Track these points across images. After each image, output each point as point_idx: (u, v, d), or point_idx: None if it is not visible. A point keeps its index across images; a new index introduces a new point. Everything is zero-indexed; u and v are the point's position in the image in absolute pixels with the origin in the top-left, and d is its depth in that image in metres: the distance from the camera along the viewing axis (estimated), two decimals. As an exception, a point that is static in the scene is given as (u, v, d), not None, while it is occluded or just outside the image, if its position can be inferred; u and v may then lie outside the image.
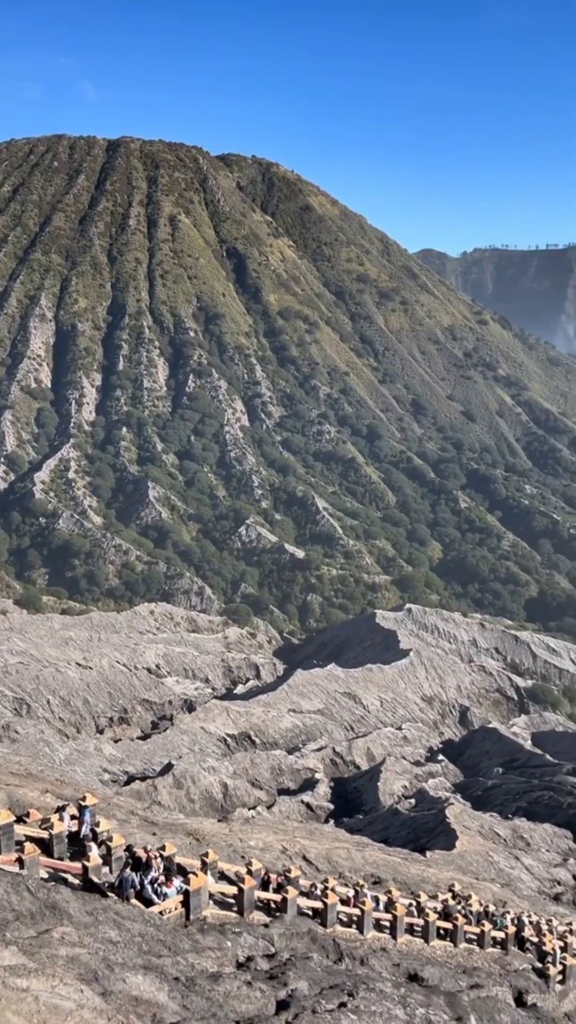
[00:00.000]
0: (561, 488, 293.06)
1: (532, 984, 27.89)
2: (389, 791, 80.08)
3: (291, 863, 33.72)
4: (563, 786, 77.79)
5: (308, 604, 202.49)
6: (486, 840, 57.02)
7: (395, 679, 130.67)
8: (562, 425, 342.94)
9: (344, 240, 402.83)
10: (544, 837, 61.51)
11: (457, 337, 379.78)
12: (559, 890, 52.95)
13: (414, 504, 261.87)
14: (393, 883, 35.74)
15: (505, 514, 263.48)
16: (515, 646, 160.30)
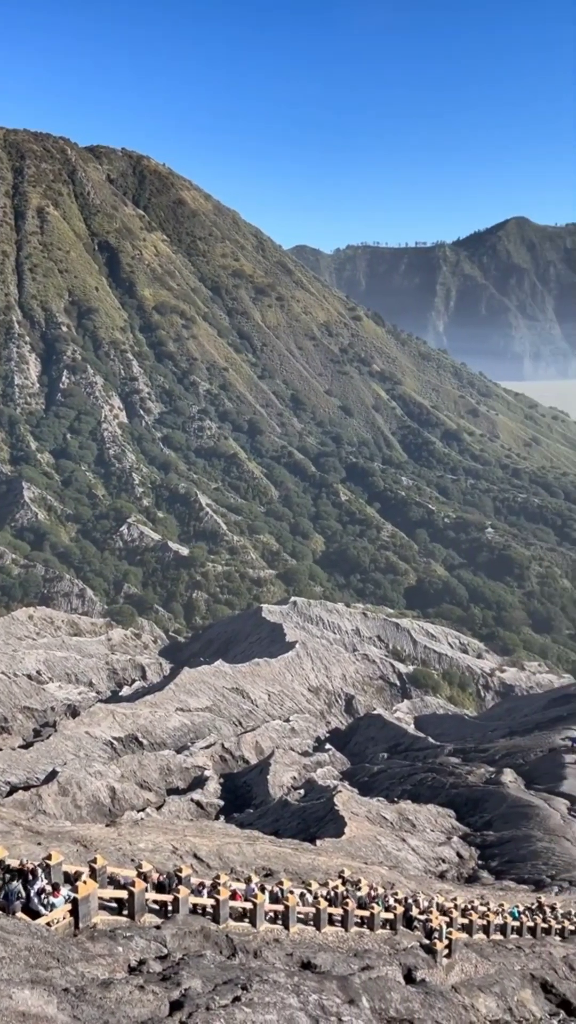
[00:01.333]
0: (435, 479, 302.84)
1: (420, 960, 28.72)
2: (279, 783, 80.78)
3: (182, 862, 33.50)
4: (445, 767, 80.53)
5: (194, 601, 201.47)
6: (374, 825, 58.37)
7: (282, 672, 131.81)
8: (435, 418, 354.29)
9: (218, 235, 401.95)
10: (428, 818, 63.53)
11: (333, 333, 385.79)
12: (444, 868, 54.83)
13: (296, 498, 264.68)
14: (284, 874, 36.08)
15: (383, 506, 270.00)
16: (396, 633, 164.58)
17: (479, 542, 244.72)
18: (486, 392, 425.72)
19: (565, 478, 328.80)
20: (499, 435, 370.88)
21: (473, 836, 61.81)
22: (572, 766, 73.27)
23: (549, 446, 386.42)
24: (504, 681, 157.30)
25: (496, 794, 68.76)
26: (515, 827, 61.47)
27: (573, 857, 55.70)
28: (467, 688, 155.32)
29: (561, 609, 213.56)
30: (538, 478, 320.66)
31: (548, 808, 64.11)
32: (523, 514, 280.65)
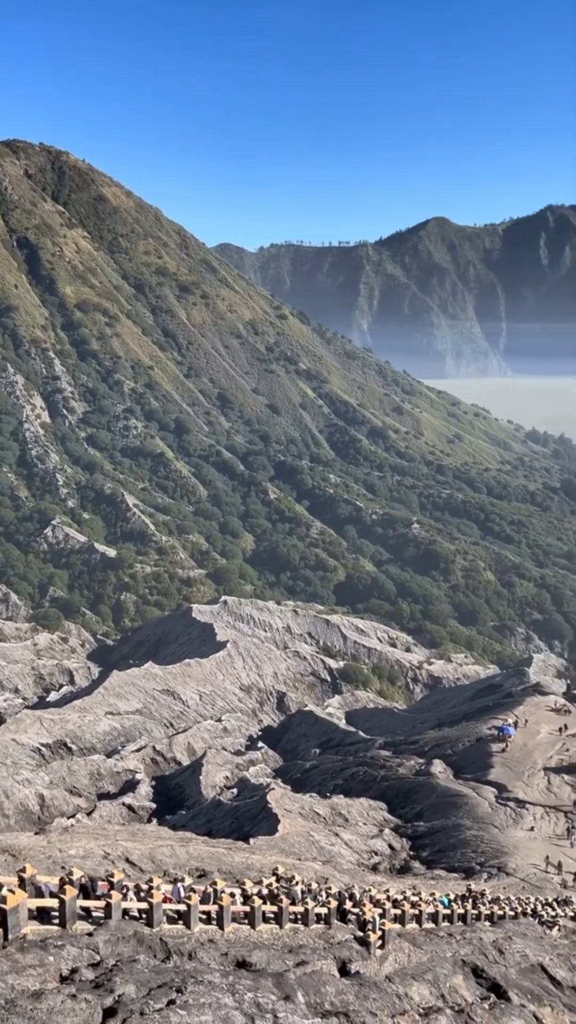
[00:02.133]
0: (362, 476, 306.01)
1: (354, 953, 29.01)
2: (211, 783, 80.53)
3: (114, 867, 33.09)
4: (376, 760, 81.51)
5: (122, 603, 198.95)
6: (307, 821, 58.70)
7: (213, 671, 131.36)
8: (361, 416, 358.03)
9: (141, 232, 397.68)
10: (360, 811, 64.21)
11: (259, 331, 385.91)
12: (377, 860, 55.50)
13: (225, 497, 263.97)
14: (218, 874, 35.99)
15: (312, 503, 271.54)
16: (327, 629, 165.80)
17: (406, 538, 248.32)
18: (410, 390, 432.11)
19: (487, 474, 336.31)
20: (423, 432, 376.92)
21: (404, 827, 62.73)
22: (499, 755, 75.01)
23: (471, 442, 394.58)
24: (432, 673, 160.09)
25: (426, 785, 69.92)
26: (445, 817, 62.64)
27: (501, 844, 57.04)
28: (396, 681, 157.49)
29: (485, 601, 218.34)
30: (461, 474, 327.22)
31: (476, 797, 65.49)
32: (447, 509, 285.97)
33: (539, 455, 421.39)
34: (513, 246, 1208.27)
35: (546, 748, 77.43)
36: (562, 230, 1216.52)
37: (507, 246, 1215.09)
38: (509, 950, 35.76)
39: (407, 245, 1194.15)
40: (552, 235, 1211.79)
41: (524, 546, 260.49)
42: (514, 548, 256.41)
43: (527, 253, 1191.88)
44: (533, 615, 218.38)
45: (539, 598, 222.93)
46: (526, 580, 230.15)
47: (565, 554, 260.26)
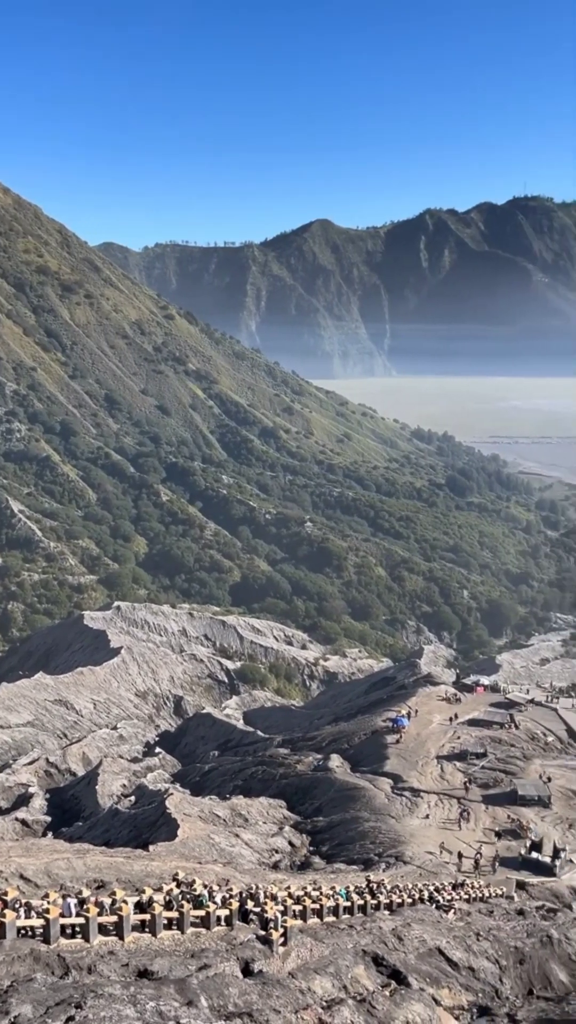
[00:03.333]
0: (255, 476, 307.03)
1: (257, 952, 29.08)
2: (108, 792, 79.07)
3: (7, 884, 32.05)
4: (275, 759, 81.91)
5: (9, 613, 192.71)
6: (207, 823, 58.42)
7: (107, 679, 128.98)
8: (252, 417, 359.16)
9: (20, 231, 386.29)
10: (260, 810, 64.37)
11: (146, 332, 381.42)
12: (277, 858, 55.78)
13: (116, 500, 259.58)
14: (117, 884, 35.37)
15: (205, 504, 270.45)
16: (223, 631, 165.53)
17: (299, 536, 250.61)
18: (299, 390, 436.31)
19: (376, 471, 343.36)
20: (313, 432, 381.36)
21: (304, 823, 63.29)
22: (393, 746, 76.65)
23: (360, 441, 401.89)
24: (328, 669, 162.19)
25: (324, 780, 70.74)
26: (343, 810, 63.53)
27: (398, 834, 58.31)
28: (293, 679, 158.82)
29: (377, 596, 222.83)
30: (351, 472, 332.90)
31: (373, 789, 66.72)
32: (339, 507, 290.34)
33: (425, 452, 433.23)
34: (395, 249, 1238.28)
35: (438, 737, 79.62)
36: (441, 233, 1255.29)
37: (389, 248, 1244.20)
38: (408, 936, 36.61)
39: (292, 246, 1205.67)
40: (432, 238, 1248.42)
41: (412, 541, 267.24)
42: (403, 543, 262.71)
43: (408, 256, 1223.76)
44: (423, 608, 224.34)
45: (428, 591, 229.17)
46: (415, 574, 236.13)
47: (451, 548, 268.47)
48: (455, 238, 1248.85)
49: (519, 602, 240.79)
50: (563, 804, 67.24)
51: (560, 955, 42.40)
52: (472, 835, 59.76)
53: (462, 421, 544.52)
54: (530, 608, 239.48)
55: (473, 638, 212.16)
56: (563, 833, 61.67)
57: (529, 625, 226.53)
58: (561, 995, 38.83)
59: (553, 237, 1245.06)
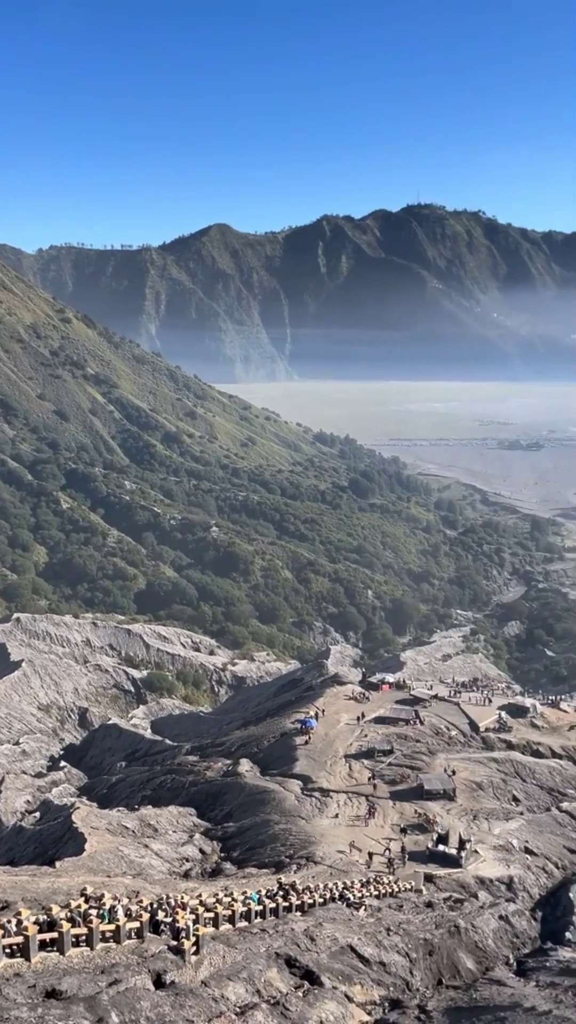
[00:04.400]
0: (158, 482, 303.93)
1: (169, 963, 28.77)
2: (11, 810, 76.78)
3: None
4: (184, 766, 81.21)
5: None
6: (115, 836, 57.41)
7: (8, 693, 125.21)
8: (154, 421, 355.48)
9: None
10: (170, 819, 63.68)
11: (41, 335, 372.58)
12: (188, 866, 55.28)
13: (13, 509, 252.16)
14: (23, 903, 34.32)
15: (108, 511, 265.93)
16: (128, 640, 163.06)
17: (205, 541, 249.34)
18: (202, 395, 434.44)
19: (280, 475, 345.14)
20: (217, 436, 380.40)
21: (215, 830, 62.96)
22: (302, 747, 77.13)
23: (264, 445, 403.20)
24: (236, 674, 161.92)
25: (234, 785, 70.58)
26: (254, 814, 63.51)
27: (309, 834, 58.69)
28: (201, 685, 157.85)
29: (284, 599, 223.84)
30: (256, 476, 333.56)
31: (283, 791, 66.94)
32: (244, 511, 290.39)
33: (328, 456, 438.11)
34: (293, 254, 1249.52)
35: (346, 736, 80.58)
36: (338, 239, 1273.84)
37: (288, 254, 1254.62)
38: (320, 936, 36.88)
39: (191, 250, 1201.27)
40: (329, 244, 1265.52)
41: (318, 543, 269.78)
42: (308, 546, 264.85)
43: (307, 261, 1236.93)
44: (329, 609, 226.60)
45: (334, 592, 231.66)
46: (321, 576, 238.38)
47: (355, 549, 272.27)
48: (352, 244, 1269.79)
49: (421, 600, 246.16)
50: (467, 796, 69.09)
51: (467, 943, 43.53)
52: (381, 831, 60.71)
53: (362, 424, 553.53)
54: (432, 606, 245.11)
55: (378, 637, 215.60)
56: (468, 824, 63.32)
57: (431, 622, 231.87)
58: (469, 982, 39.88)
59: (446, 244, 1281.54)
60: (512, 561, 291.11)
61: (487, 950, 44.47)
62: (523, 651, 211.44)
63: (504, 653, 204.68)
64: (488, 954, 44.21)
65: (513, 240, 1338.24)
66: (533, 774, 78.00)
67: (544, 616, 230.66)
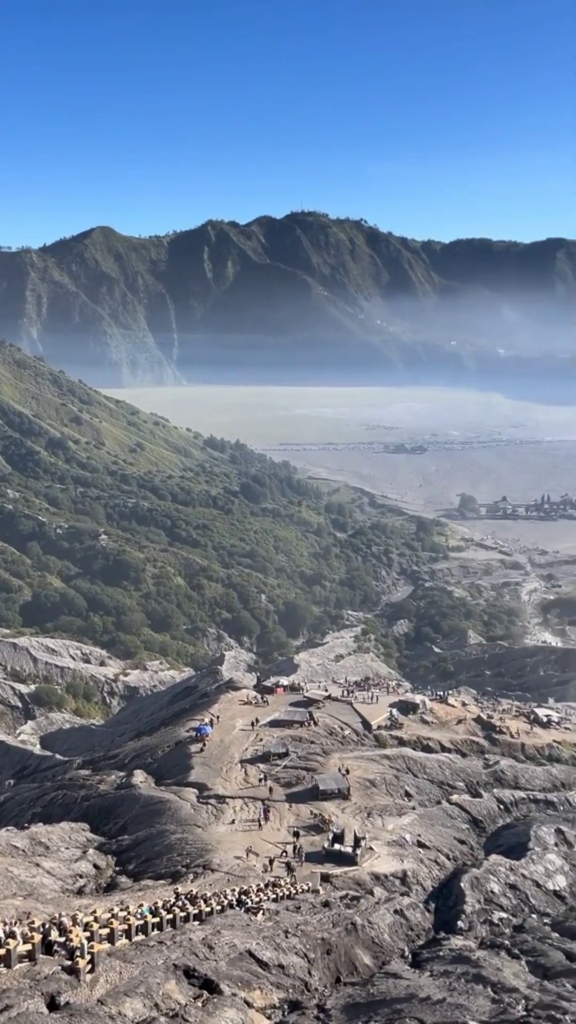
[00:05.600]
0: (43, 490, 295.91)
1: (63, 984, 28.05)
2: None
3: None
4: (75, 781, 79.25)
5: None
6: (4, 856, 55.41)
7: None
8: (37, 427, 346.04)
9: None
10: (62, 836, 61.97)
11: None
12: (82, 883, 53.94)
13: None
14: None
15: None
16: (14, 653, 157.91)
17: (94, 550, 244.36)
18: (87, 400, 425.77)
19: (171, 481, 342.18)
20: (104, 442, 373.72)
21: (109, 844, 61.69)
22: (197, 755, 76.61)
23: (153, 451, 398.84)
24: (128, 684, 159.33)
25: (128, 797, 69.40)
26: (149, 826, 62.62)
27: (205, 842, 58.32)
28: (93, 697, 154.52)
29: (177, 606, 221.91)
30: (146, 482, 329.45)
31: (178, 800, 66.29)
32: (134, 518, 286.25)
33: (218, 461, 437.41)
34: (179, 258, 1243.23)
35: (241, 741, 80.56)
36: (223, 245, 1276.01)
37: (173, 258, 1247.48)
38: (218, 944, 36.70)
39: (73, 253, 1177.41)
40: (215, 249, 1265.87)
41: (210, 549, 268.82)
42: (201, 552, 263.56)
43: (192, 266, 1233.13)
44: (223, 614, 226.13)
45: (227, 597, 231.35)
46: (214, 581, 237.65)
47: (248, 553, 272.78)
48: (237, 250, 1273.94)
49: (314, 602, 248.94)
50: (361, 794, 70.28)
51: (364, 939, 44.26)
52: (278, 834, 60.98)
53: (252, 429, 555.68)
54: (324, 607, 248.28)
55: (272, 640, 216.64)
56: (362, 822, 64.41)
57: (324, 624, 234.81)
58: (366, 978, 40.52)
59: (330, 252, 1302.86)
60: (400, 561, 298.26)
61: (383, 944, 45.33)
62: (412, 649, 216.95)
63: (394, 651, 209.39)
64: (384, 948, 45.07)
65: (394, 249, 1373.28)
66: (424, 769, 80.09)
67: (431, 614, 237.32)
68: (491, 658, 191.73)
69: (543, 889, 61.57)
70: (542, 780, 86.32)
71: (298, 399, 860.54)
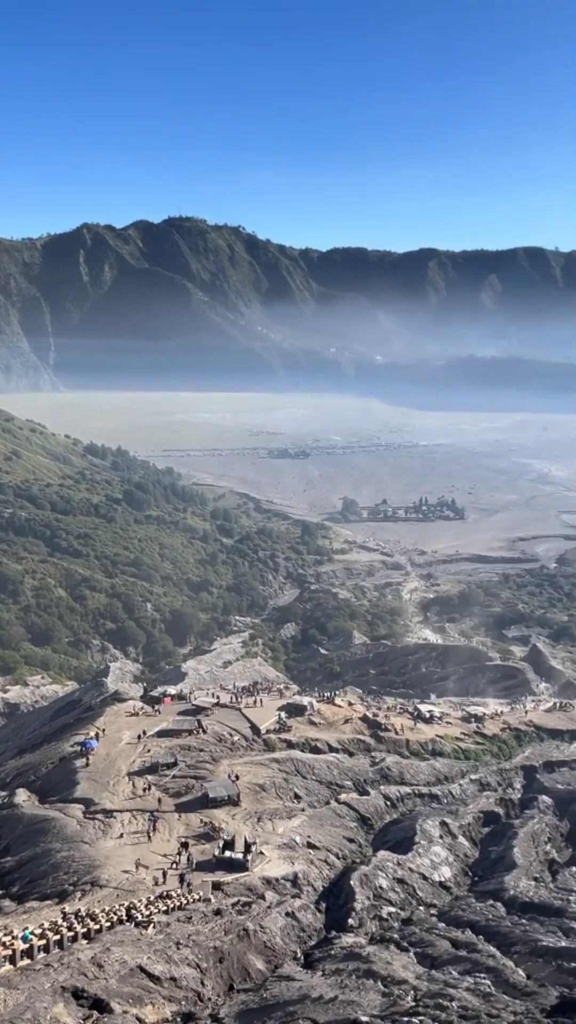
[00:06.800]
0: None
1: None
2: None
3: None
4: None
5: None
6: None
7: None
8: None
9: None
10: None
11: None
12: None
13: None
14: None
15: None
16: None
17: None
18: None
19: (50, 489, 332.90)
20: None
21: (-9, 868, 59.46)
22: (83, 770, 74.79)
23: (30, 459, 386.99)
24: (8, 701, 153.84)
25: (10, 818, 67.08)
26: (33, 846, 60.70)
27: (93, 858, 57.02)
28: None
29: (59, 618, 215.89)
30: (23, 491, 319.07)
31: (64, 817, 64.56)
32: (11, 529, 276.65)
33: (100, 468, 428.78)
34: (53, 261, 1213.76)
35: (129, 753, 79.19)
36: (99, 248, 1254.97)
37: (47, 261, 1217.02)
38: (108, 961, 35.96)
39: None
40: (91, 252, 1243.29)
41: (93, 558, 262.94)
42: (83, 561, 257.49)
43: (68, 269, 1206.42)
44: (107, 625, 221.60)
45: (111, 608, 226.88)
46: (97, 592, 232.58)
47: (132, 562, 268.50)
48: (115, 254, 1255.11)
49: (201, 609, 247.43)
50: (251, 799, 70.37)
51: (256, 944, 44.32)
52: (167, 845, 60.28)
53: (134, 436, 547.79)
54: (211, 614, 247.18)
55: (159, 649, 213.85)
56: (253, 827, 64.50)
57: (211, 630, 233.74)
58: (259, 983, 40.58)
59: (209, 258, 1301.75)
60: (286, 565, 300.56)
61: (276, 948, 45.52)
62: (299, 651, 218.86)
63: (282, 655, 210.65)
64: (277, 952, 45.27)
65: (273, 256, 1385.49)
66: (312, 770, 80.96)
67: (317, 616, 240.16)
68: (375, 657, 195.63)
69: (429, 881, 63.36)
70: (426, 775, 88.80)
71: (180, 405, 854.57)
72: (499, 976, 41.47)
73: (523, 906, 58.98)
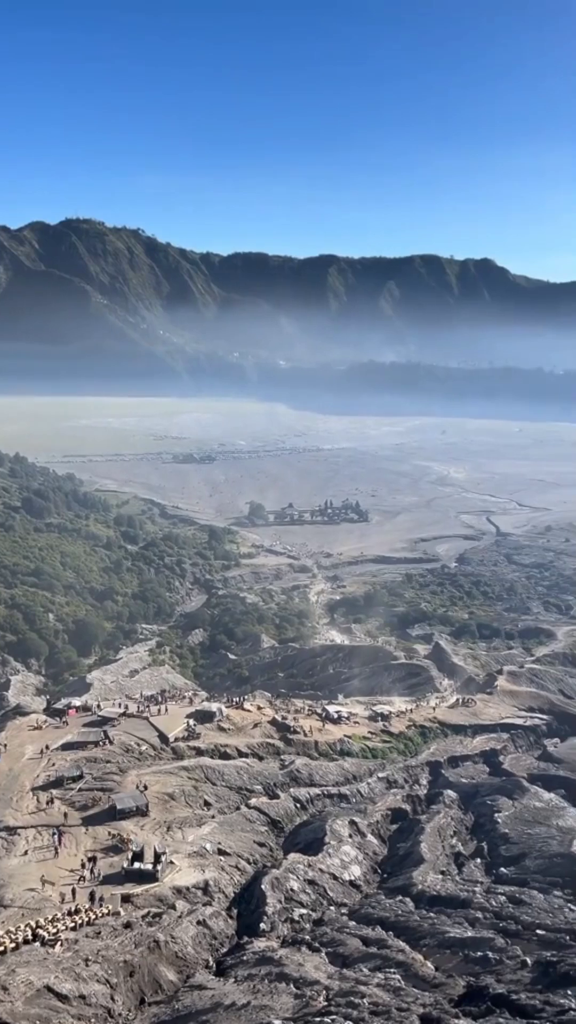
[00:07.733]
0: None
1: None
2: None
3: None
4: None
5: None
6: None
7: None
8: None
9: None
10: None
11: None
12: None
13: None
14: None
15: None
16: None
17: None
18: None
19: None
20: None
21: None
22: (-15, 787, 72.39)
23: None
24: None
25: None
26: None
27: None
28: None
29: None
30: None
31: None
32: None
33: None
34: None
35: (32, 768, 77.12)
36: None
37: None
38: (13, 984, 34.92)
39: None
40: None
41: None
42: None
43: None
44: (7, 637, 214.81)
45: (11, 619, 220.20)
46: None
47: (33, 572, 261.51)
48: (9, 255, 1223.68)
49: (105, 618, 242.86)
50: (160, 808, 69.57)
51: (167, 955, 43.81)
52: (74, 860, 58.97)
53: (33, 442, 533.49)
54: (117, 623, 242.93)
55: (62, 661, 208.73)
56: (162, 837, 63.77)
57: (117, 639, 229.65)
58: (171, 994, 40.13)
59: (108, 260, 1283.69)
60: (193, 571, 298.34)
61: (187, 958, 45.11)
62: (208, 657, 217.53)
63: (190, 661, 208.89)
64: (188, 961, 44.87)
65: (174, 260, 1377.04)
66: (222, 776, 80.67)
67: (225, 621, 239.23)
68: (283, 660, 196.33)
69: (340, 880, 64.00)
70: (335, 775, 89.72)
71: (81, 410, 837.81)
72: (409, 970, 42.27)
73: (431, 900, 60.27)
